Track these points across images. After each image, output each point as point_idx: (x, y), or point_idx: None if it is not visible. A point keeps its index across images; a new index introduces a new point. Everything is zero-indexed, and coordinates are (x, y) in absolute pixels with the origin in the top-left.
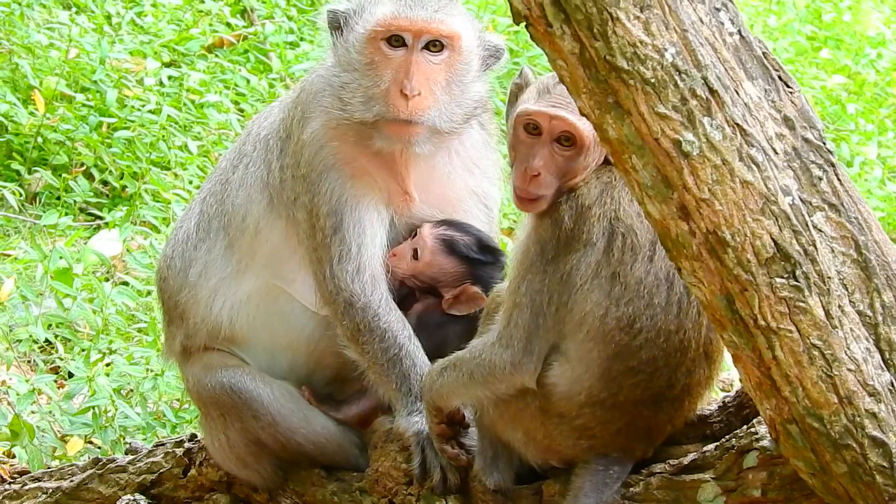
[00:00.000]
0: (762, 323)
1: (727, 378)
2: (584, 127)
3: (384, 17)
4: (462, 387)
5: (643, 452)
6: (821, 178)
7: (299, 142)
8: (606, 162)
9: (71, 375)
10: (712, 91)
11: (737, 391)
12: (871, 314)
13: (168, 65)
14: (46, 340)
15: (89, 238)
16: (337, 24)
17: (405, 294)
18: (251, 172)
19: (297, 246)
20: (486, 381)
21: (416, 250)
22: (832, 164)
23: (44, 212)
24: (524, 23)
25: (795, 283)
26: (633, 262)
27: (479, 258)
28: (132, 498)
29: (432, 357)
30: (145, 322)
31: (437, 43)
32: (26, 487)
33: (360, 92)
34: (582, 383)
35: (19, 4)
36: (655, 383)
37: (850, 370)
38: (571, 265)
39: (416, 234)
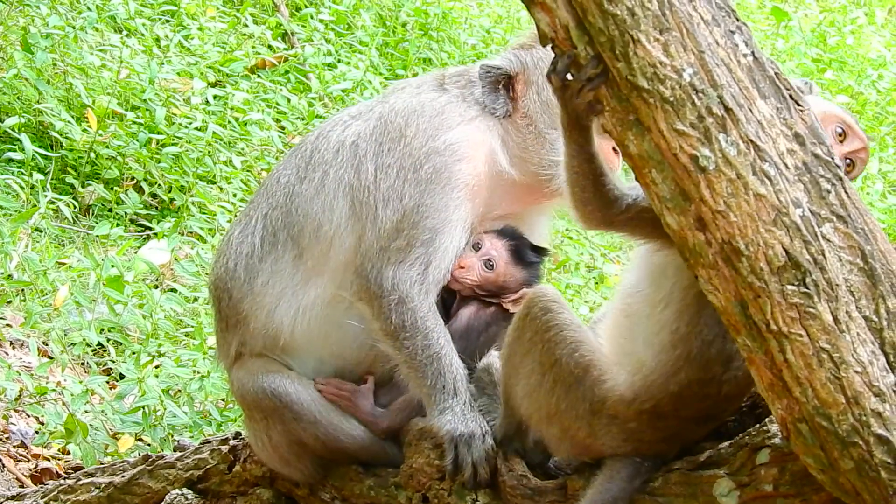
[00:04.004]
0: (774, 328)
1: None
2: None
3: None
4: None
5: (674, 455)
6: (829, 192)
7: (425, 147)
8: None
9: (122, 377)
10: (727, 109)
11: (750, 392)
12: (876, 319)
13: (213, 85)
14: (99, 344)
15: (139, 248)
16: (498, 81)
17: (455, 299)
18: (331, 179)
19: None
20: None
21: (486, 262)
22: (840, 178)
23: (96, 223)
24: (550, 45)
25: (805, 290)
26: None
27: (537, 262)
28: (180, 492)
29: (472, 357)
30: (192, 326)
31: None
32: (80, 482)
33: (546, 159)
34: (651, 393)
35: (73, 28)
36: (714, 409)
37: (856, 372)
38: None
39: (480, 246)
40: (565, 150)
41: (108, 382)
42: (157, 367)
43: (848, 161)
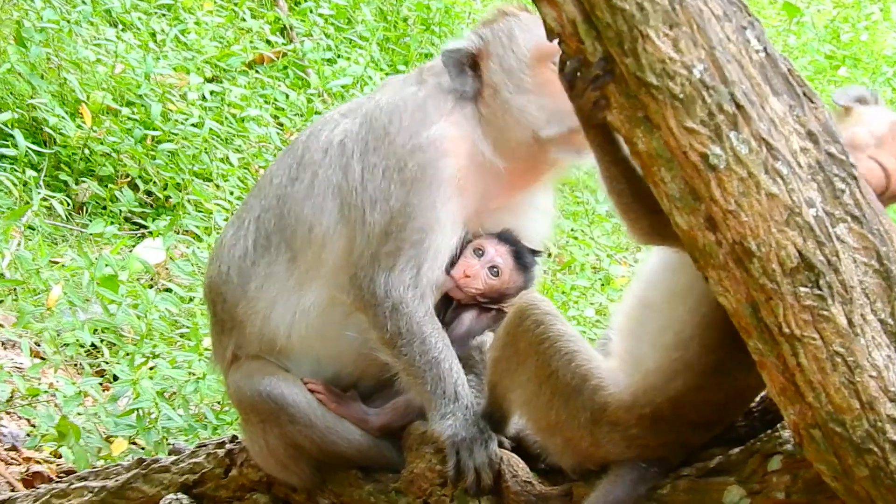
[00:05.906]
0: (787, 331)
1: None
2: None
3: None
4: None
5: (679, 461)
6: (843, 191)
7: (409, 145)
8: None
9: (116, 378)
10: (739, 106)
11: (761, 396)
12: (892, 322)
13: (210, 80)
14: (92, 344)
15: (134, 246)
16: (463, 62)
17: (451, 305)
18: (320, 180)
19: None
20: None
21: (492, 268)
22: (854, 178)
23: (90, 221)
24: (557, 39)
25: (819, 292)
26: None
27: (534, 264)
28: (175, 497)
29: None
30: (188, 327)
31: None
32: (73, 486)
33: (543, 111)
34: (650, 397)
35: (68, 22)
36: (714, 415)
37: (871, 377)
38: None
39: (482, 252)
40: (592, 154)
41: (101, 384)
42: (151, 368)
43: None
